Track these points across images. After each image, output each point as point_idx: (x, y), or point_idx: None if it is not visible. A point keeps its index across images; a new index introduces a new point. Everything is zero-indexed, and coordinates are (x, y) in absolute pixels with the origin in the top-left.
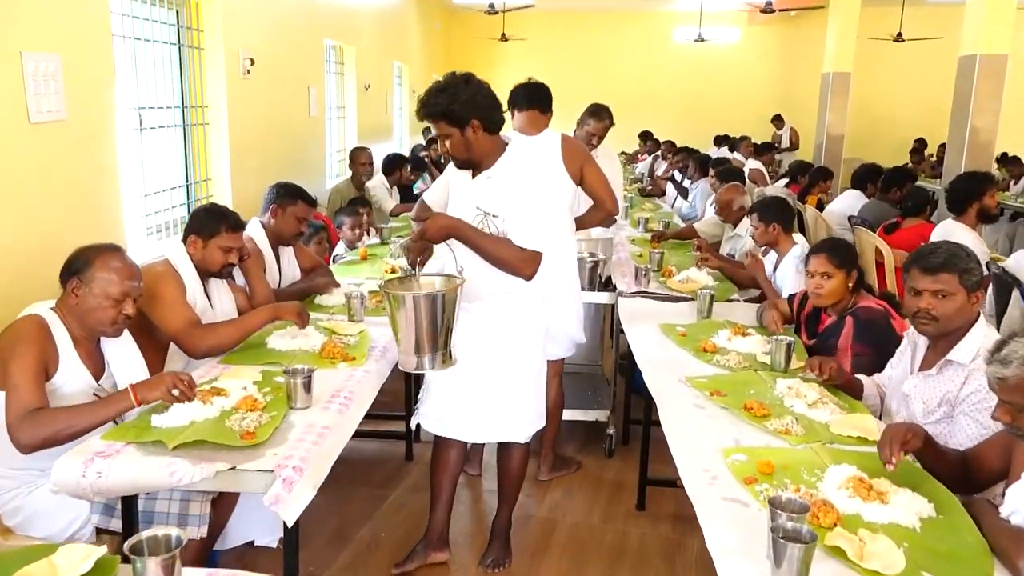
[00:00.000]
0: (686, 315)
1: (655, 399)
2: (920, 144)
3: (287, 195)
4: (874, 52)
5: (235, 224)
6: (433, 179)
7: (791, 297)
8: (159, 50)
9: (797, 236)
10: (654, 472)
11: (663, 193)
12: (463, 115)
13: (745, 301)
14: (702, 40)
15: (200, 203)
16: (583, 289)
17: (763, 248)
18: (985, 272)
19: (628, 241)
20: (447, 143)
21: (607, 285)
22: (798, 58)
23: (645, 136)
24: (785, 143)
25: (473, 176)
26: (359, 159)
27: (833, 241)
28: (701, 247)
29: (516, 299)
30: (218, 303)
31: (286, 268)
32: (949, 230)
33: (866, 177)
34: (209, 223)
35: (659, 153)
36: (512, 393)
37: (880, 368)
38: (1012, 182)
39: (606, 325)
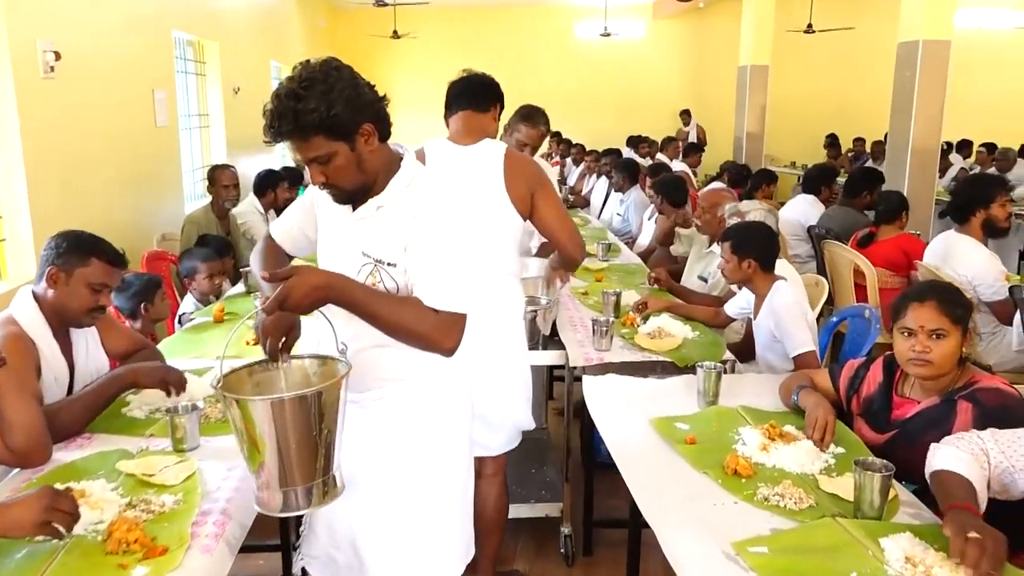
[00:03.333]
0: (679, 396)
1: None
2: (833, 139)
3: (72, 251)
4: (784, 45)
5: None
6: None
7: (836, 369)
8: None
9: (783, 266)
10: None
11: (586, 203)
12: (351, 119)
13: (734, 356)
14: (608, 35)
15: None
16: None
17: (735, 284)
18: (1005, 296)
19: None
20: (329, 168)
21: (552, 335)
22: (708, 52)
23: (556, 138)
24: (693, 140)
25: (354, 208)
26: (220, 180)
27: (940, 284)
28: (659, 279)
29: (428, 383)
30: None
31: (83, 362)
32: (952, 244)
33: (819, 180)
34: None
35: (571, 157)
36: (430, 517)
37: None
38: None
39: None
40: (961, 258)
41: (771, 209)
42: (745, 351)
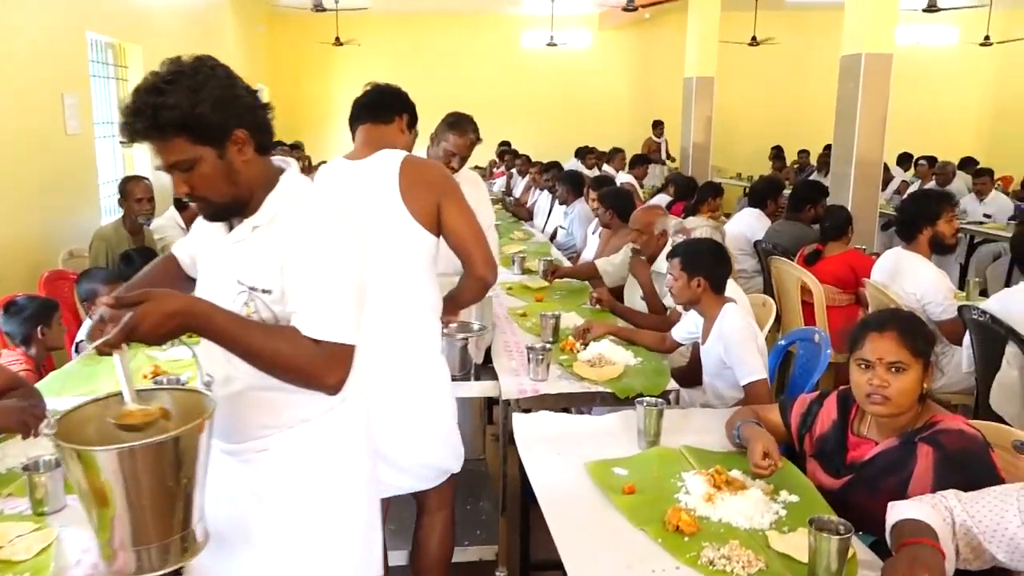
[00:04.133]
0: (617, 435)
1: None
2: (778, 151)
3: None
4: (729, 57)
5: None
6: None
7: (787, 403)
8: None
9: (731, 287)
10: None
11: (530, 216)
12: (220, 123)
13: (679, 382)
14: (555, 44)
15: None
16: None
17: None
18: (954, 315)
19: (503, 290)
20: (193, 177)
21: (487, 362)
22: (655, 63)
23: (503, 148)
24: (664, 153)
25: (230, 229)
26: (133, 193)
27: (901, 313)
28: (601, 300)
29: (321, 431)
30: None
31: None
32: (900, 262)
33: (765, 193)
34: None
35: (516, 168)
36: None
37: None
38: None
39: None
40: (910, 276)
41: (717, 226)
42: (690, 376)
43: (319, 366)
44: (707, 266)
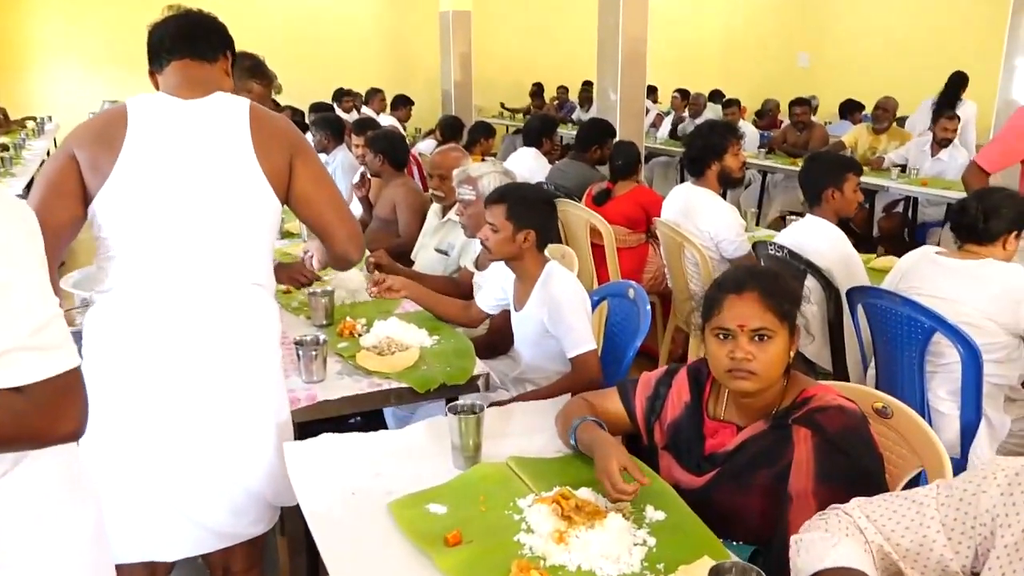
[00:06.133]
0: (426, 450)
1: None
2: (538, 87)
3: None
4: None
5: None
6: None
7: (628, 387)
8: None
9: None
10: None
11: None
12: None
13: (481, 358)
14: None
15: None
16: None
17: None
18: (748, 251)
19: None
20: None
21: None
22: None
23: None
24: None
25: None
26: None
27: (759, 270)
28: (380, 264)
29: (22, 485)
30: None
31: None
32: (691, 198)
33: (541, 132)
34: None
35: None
36: None
37: None
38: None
39: None
40: (702, 213)
41: (508, 171)
42: (491, 347)
43: (42, 420)
44: (539, 218)
